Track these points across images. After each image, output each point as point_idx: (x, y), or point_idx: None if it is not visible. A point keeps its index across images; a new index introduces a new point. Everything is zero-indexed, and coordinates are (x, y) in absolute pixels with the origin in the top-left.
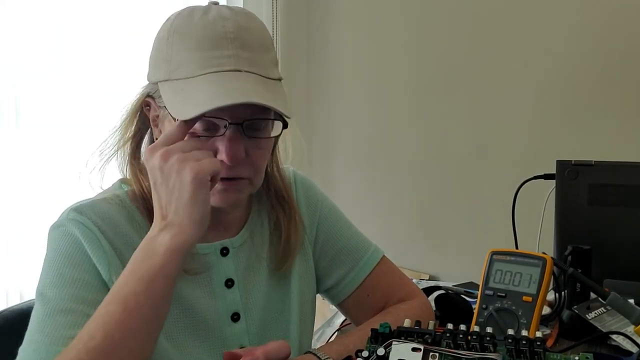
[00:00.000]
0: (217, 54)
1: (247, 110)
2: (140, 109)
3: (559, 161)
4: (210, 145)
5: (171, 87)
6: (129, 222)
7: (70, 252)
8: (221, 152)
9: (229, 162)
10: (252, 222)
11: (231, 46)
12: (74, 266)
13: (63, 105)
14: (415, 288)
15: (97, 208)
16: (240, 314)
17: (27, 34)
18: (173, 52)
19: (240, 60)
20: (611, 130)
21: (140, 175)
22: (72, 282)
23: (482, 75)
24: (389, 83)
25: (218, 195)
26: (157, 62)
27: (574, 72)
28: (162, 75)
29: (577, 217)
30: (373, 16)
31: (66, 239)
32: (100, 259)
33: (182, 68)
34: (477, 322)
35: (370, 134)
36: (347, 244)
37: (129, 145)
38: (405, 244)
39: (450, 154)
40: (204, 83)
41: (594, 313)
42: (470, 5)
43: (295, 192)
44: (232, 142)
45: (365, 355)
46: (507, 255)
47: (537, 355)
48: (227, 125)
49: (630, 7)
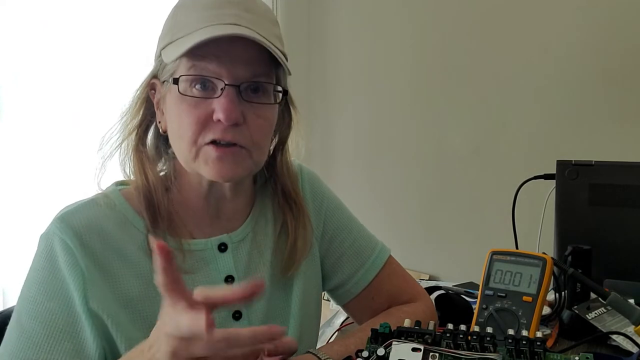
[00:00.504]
0: (218, 12)
1: (247, 72)
2: (146, 96)
3: (559, 161)
4: (206, 107)
5: (172, 45)
6: (118, 226)
7: (46, 278)
8: (217, 112)
9: (226, 121)
10: (256, 215)
11: (234, 8)
12: (49, 294)
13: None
14: (420, 290)
15: (83, 215)
16: (242, 312)
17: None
18: (177, 19)
19: (241, 19)
20: (611, 131)
21: (147, 163)
22: (46, 312)
23: (482, 75)
24: (389, 83)
25: (213, 166)
26: (163, 35)
27: (574, 72)
28: (166, 42)
29: (577, 217)
30: (373, 15)
31: (46, 258)
32: (77, 280)
33: (184, 27)
34: (477, 322)
35: (370, 134)
36: (354, 242)
37: (134, 135)
38: (405, 244)
39: (450, 154)
40: (202, 32)
41: (594, 313)
42: (471, 4)
43: (302, 185)
44: (229, 100)
45: (365, 355)
46: (507, 255)
47: (537, 356)
48: (225, 86)
49: (631, 7)
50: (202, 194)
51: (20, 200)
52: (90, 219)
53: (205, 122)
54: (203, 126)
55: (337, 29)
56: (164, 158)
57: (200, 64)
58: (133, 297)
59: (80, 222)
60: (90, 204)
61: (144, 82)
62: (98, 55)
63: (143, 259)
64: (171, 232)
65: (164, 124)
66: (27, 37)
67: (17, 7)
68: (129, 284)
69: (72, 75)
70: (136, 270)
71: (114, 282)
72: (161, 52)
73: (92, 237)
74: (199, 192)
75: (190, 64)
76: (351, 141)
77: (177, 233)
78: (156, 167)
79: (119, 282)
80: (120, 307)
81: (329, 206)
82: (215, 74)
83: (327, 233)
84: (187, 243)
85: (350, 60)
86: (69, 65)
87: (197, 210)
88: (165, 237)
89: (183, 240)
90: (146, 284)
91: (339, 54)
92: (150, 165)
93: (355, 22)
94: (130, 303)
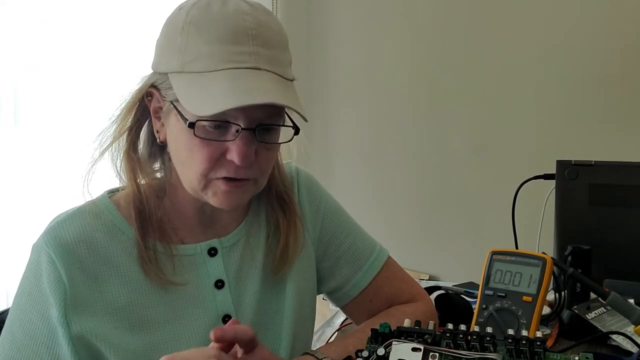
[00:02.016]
0: (237, 49)
1: (263, 114)
2: (141, 99)
3: (559, 161)
4: (219, 145)
5: (185, 79)
6: (107, 235)
7: (31, 289)
8: (232, 152)
9: (241, 164)
10: (250, 221)
11: (252, 43)
12: (32, 306)
13: (61, 104)
14: (419, 290)
15: (71, 226)
16: (231, 317)
17: (26, 31)
18: (189, 43)
19: (260, 59)
20: (611, 131)
21: (138, 169)
22: (30, 323)
23: (482, 75)
24: (388, 83)
25: (221, 197)
26: (169, 52)
27: (574, 72)
28: (174, 66)
29: (577, 217)
30: (373, 15)
31: (33, 270)
32: (58, 294)
33: (199, 61)
34: (477, 322)
35: (369, 134)
36: (352, 245)
37: (125, 137)
38: (405, 244)
39: (450, 154)
40: (222, 79)
41: (594, 313)
42: (471, 4)
43: (298, 188)
44: (245, 144)
45: (365, 355)
46: (507, 255)
47: (537, 355)
48: (240, 129)
49: (632, 8)
50: (198, 207)
51: (23, 202)
52: (78, 231)
53: (218, 159)
54: (215, 162)
55: (337, 29)
56: (158, 162)
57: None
58: (120, 305)
59: (67, 235)
60: (78, 213)
61: (139, 88)
62: (97, 60)
63: (131, 266)
64: (161, 239)
65: (162, 135)
66: (27, 37)
67: (17, 7)
68: (117, 292)
69: (74, 78)
70: (124, 278)
71: (101, 290)
72: (168, 75)
73: (79, 248)
74: (194, 205)
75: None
76: (351, 141)
77: (167, 240)
78: (148, 172)
79: (107, 290)
80: (108, 315)
81: (326, 209)
82: (233, 118)
83: (325, 236)
84: (176, 248)
85: (350, 61)
86: (70, 70)
87: (190, 219)
88: (155, 243)
89: (172, 245)
90: (134, 292)
91: (338, 54)
92: (142, 172)
93: (355, 22)
94: (118, 311)
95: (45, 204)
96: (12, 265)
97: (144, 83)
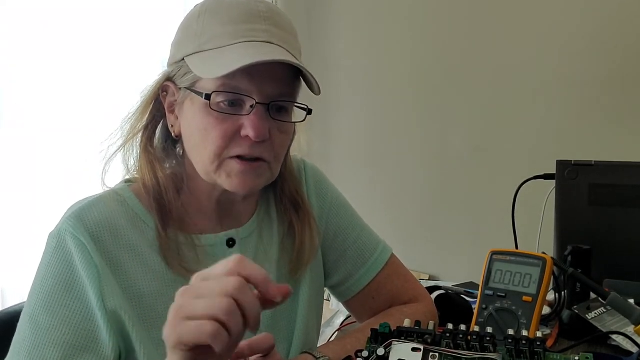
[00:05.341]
0: (250, 27)
1: (276, 90)
2: (156, 97)
3: (559, 161)
4: (234, 122)
5: (201, 57)
6: (130, 223)
7: (61, 272)
8: (246, 128)
9: (256, 138)
10: (261, 213)
11: (265, 23)
12: (64, 289)
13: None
14: (421, 291)
15: (95, 211)
16: None
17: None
18: (205, 27)
19: (273, 36)
20: (611, 131)
21: (157, 164)
22: (61, 307)
23: (482, 75)
24: (389, 83)
25: (236, 179)
26: (186, 39)
27: (574, 72)
28: (191, 49)
29: (577, 217)
30: (373, 14)
31: (59, 254)
32: (92, 277)
33: (214, 40)
34: (477, 322)
35: (370, 134)
36: (357, 240)
37: (141, 135)
38: (405, 244)
39: (450, 154)
40: (236, 49)
41: (594, 313)
42: (471, 4)
43: (306, 181)
44: (259, 119)
45: (365, 355)
46: (507, 255)
47: (537, 355)
48: (255, 104)
49: (632, 8)
50: (214, 197)
51: (19, 200)
52: (102, 216)
53: (232, 137)
54: (230, 140)
55: (337, 29)
56: (172, 158)
57: (231, 82)
58: (144, 294)
59: (92, 219)
60: (101, 200)
61: (155, 83)
62: (102, 55)
63: (154, 256)
64: (182, 229)
65: (177, 129)
66: (26, 38)
67: (17, 7)
68: (140, 280)
69: (75, 75)
70: (147, 266)
71: (125, 278)
72: (184, 58)
73: (104, 233)
74: (210, 195)
75: (221, 81)
76: (351, 140)
77: (187, 230)
78: (164, 167)
79: (131, 278)
80: (131, 303)
81: (332, 203)
82: (247, 91)
83: (330, 230)
84: (198, 238)
85: (350, 60)
86: (73, 64)
87: (206, 210)
88: (177, 235)
89: (194, 235)
90: (157, 280)
91: (338, 53)
92: (160, 166)
93: (355, 21)
94: (141, 299)
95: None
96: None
97: (158, 80)
